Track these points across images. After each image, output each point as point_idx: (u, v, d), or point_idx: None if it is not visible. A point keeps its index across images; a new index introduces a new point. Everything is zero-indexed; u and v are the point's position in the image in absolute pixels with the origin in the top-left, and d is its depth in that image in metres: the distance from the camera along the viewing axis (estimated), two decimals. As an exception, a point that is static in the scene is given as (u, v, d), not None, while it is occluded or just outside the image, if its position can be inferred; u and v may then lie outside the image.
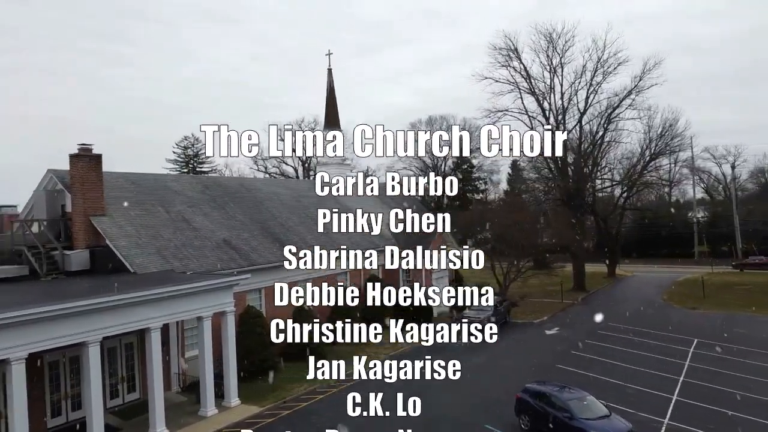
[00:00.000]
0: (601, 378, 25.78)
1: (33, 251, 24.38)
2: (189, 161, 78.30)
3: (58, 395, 21.19)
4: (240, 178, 52.75)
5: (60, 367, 21.25)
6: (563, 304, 45.83)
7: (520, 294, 45.61)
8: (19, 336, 16.02)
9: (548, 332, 35.99)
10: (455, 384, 25.29)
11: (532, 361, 29.04)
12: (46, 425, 20.61)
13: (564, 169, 55.87)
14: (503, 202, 70.59)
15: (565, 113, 55.37)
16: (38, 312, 16.22)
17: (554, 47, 54.21)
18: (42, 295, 19.56)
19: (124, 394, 23.52)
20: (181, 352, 25.33)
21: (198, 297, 21.34)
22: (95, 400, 18.06)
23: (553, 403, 19.46)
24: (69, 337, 17.41)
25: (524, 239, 42.61)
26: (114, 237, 24.88)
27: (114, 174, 28.56)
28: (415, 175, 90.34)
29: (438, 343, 33.20)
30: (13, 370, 16.00)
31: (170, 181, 33.29)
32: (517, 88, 55.32)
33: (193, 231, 28.64)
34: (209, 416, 21.64)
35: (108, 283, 20.51)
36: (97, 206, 25.35)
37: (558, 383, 21.70)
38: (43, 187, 27.17)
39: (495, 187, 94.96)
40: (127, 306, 18.72)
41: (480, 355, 30.42)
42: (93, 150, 25.58)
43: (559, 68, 54.70)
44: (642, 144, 61.61)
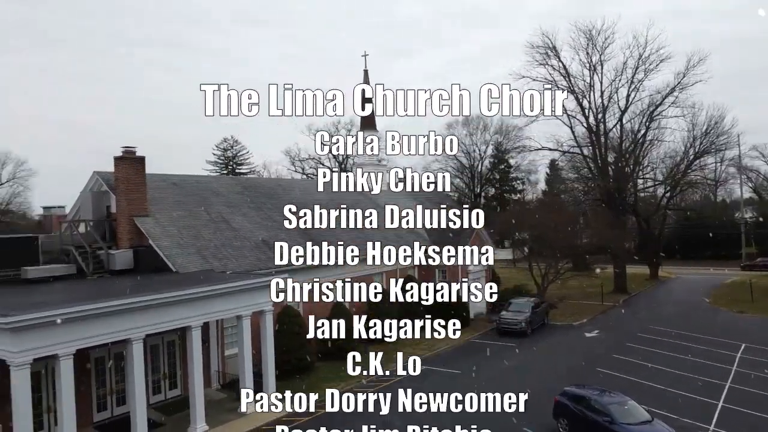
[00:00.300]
0: (643, 382, 25.18)
1: (80, 251, 25.22)
2: (228, 163, 79.82)
3: (104, 390, 21.86)
4: (277, 179, 53.46)
5: (105, 363, 21.91)
6: (603, 306, 44.93)
7: (558, 296, 44.94)
8: (67, 332, 16.57)
9: (588, 335, 35.35)
10: (492, 385, 25.08)
11: (570, 363, 28.57)
12: (92, 419, 21.30)
13: (604, 168, 54.76)
14: (541, 202, 69.59)
15: (605, 112, 54.31)
16: (85, 310, 16.76)
17: (594, 44, 53.25)
18: (88, 293, 20.18)
19: (166, 391, 24.11)
20: (220, 350, 25.80)
21: (237, 296, 21.72)
22: (139, 396, 18.55)
23: (592, 407, 19.09)
24: (114, 334, 17.93)
25: (563, 240, 41.95)
26: (156, 237, 25.53)
27: (156, 176, 29.29)
28: (451, 174, 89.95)
29: (475, 342, 33.02)
30: (62, 365, 16.57)
31: (210, 182, 33.99)
32: (556, 87, 54.54)
33: (232, 231, 29.16)
34: (248, 413, 21.97)
35: (151, 283, 21.09)
36: (140, 207, 26.04)
37: (598, 387, 21.29)
38: (89, 188, 28.07)
39: (533, 188, 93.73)
40: (169, 305, 19.19)
41: (517, 356, 30.09)
42: (136, 152, 26.29)
43: (599, 66, 53.71)
44: (686, 142, 59.99)
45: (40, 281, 23.04)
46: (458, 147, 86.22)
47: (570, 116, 54.96)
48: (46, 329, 16.03)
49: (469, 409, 22.16)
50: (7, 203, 72.05)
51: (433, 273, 40.22)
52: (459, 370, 27.67)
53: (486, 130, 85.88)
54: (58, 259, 25.57)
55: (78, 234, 26.06)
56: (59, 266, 24.46)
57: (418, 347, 31.92)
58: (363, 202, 40.89)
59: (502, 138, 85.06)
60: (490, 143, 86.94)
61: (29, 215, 71.80)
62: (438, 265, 39.91)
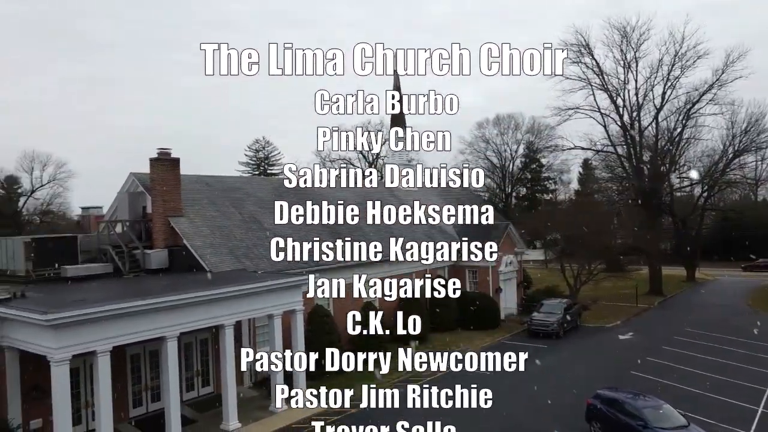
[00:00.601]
0: (679, 386, 24.62)
1: (116, 250, 25.85)
2: (260, 163, 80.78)
3: (139, 387, 22.38)
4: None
5: (141, 360, 22.42)
6: (638, 308, 44.06)
7: (591, 297, 44.26)
8: (105, 330, 17.01)
9: (621, 337, 34.71)
10: (523, 387, 24.88)
11: (603, 366, 28.12)
12: (128, 415, 21.83)
13: (639, 167, 53.68)
14: (574, 202, 68.59)
15: (640, 110, 53.27)
16: (122, 308, 17.18)
17: (628, 41, 52.29)
18: (125, 291, 20.68)
19: (199, 388, 24.54)
20: (252, 348, 26.13)
21: (268, 296, 21.99)
22: (173, 392, 18.93)
23: (626, 410, 18.73)
24: (149, 332, 18.33)
25: (596, 241, 41.29)
26: (190, 237, 26.00)
27: (190, 176, 29.83)
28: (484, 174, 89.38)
29: (506, 343, 32.78)
30: (99, 361, 17.02)
31: (242, 183, 34.46)
32: (589, 85, 53.72)
33: (263, 231, 29.52)
34: (280, 411, 22.22)
35: (185, 282, 21.50)
36: (174, 207, 26.56)
37: (631, 390, 20.89)
38: (125, 189, 28.75)
39: (565, 187, 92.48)
40: (203, 303, 19.54)
41: (549, 358, 29.74)
42: (171, 154, 26.82)
43: (634, 63, 52.72)
44: (724, 141, 58.34)
45: (79, 280, 23.65)
46: (489, 146, 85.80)
47: (604, 115, 54.14)
48: (84, 326, 16.49)
49: (498, 409, 22.02)
50: (48, 204, 74.22)
51: (464, 273, 40.03)
52: (488, 371, 27.47)
53: (517, 129, 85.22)
54: (95, 259, 26.26)
55: (115, 234, 26.70)
56: (97, 265, 25.08)
57: (448, 347, 31.81)
58: (392, 201, 40.94)
59: (533, 137, 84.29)
60: (522, 142, 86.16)
61: (68, 216, 73.94)
62: (468, 264, 39.73)
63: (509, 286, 41.15)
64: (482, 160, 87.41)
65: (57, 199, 74.81)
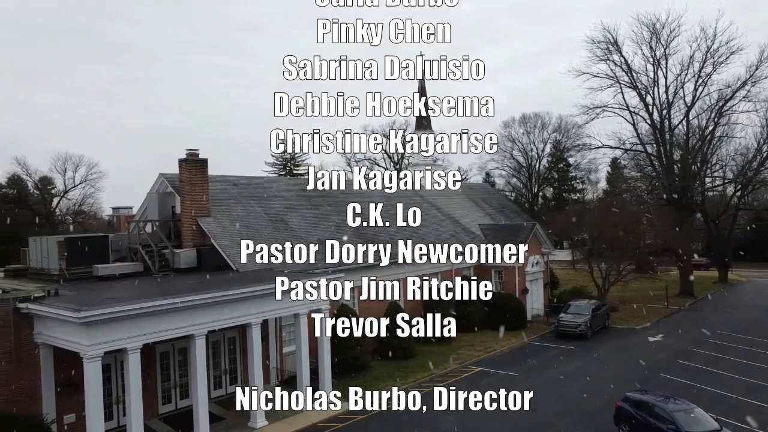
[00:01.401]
0: (711, 389, 24.09)
1: (146, 249, 26.32)
2: (286, 164, 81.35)
3: (168, 384, 22.74)
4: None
5: (170, 358, 22.79)
6: (668, 309, 43.23)
7: (620, 298, 43.56)
8: (135, 327, 17.35)
9: (651, 339, 34.10)
10: (550, 389, 24.62)
11: (632, 368, 27.66)
12: (158, 411, 22.21)
13: (669, 166, 52.67)
14: (602, 201, 67.55)
15: (670, 107, 52.21)
16: (152, 306, 17.48)
17: (658, 38, 51.27)
18: (155, 290, 21.03)
19: (227, 386, 24.84)
20: (279, 347, 26.36)
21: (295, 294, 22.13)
22: (201, 390, 19.20)
23: (656, 413, 18.40)
24: (178, 330, 18.62)
25: (624, 241, 40.62)
26: (218, 236, 26.34)
27: (218, 177, 30.22)
28: (508, 174, 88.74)
29: (532, 344, 32.49)
30: (130, 358, 17.36)
31: (269, 183, 34.79)
32: (617, 83, 52.82)
33: (289, 231, 29.75)
34: (306, 410, 22.36)
35: (213, 281, 21.78)
36: (202, 207, 26.93)
37: (662, 393, 20.53)
38: (155, 189, 29.25)
39: (593, 187, 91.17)
40: (230, 302, 19.77)
41: (577, 360, 29.38)
42: (199, 154, 27.21)
43: (663, 60, 51.68)
44: (759, 138, 56.75)
45: (110, 278, 24.15)
46: (515, 145, 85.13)
47: (633, 113, 53.19)
48: (115, 324, 16.84)
49: (526, 411, 21.82)
50: (80, 204, 75.83)
51: (489, 273, 39.80)
52: (515, 372, 27.27)
53: (544, 128, 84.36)
54: (126, 258, 26.77)
55: (145, 233, 27.17)
56: (127, 264, 25.57)
57: (474, 348, 31.66)
58: (417, 201, 40.92)
59: (560, 136, 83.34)
60: (548, 141, 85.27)
61: (100, 216, 75.43)
62: (494, 264, 39.50)
63: (536, 287, 40.77)
64: (508, 160, 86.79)
65: (89, 199, 76.41)
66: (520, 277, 38.74)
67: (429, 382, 25.98)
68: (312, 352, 23.41)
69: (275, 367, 26.10)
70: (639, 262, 43.21)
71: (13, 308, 18.41)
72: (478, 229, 41.65)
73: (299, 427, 20.87)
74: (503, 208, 50.16)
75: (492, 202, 49.36)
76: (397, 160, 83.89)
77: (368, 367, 27.69)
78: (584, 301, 37.70)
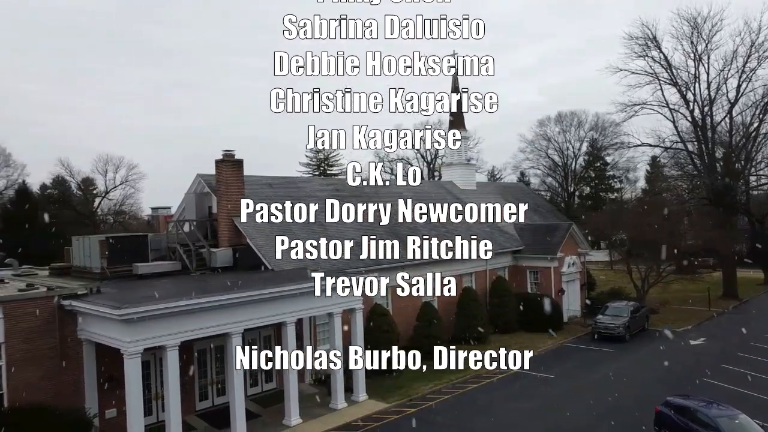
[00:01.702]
0: (756, 395, 23.28)
1: (184, 249, 26.82)
2: (320, 164, 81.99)
3: (205, 381, 23.13)
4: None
5: (207, 355, 23.18)
6: (710, 312, 41.97)
7: (660, 300, 42.50)
8: (173, 325, 17.69)
9: (693, 342, 33.17)
10: (588, 392, 24.17)
11: (673, 372, 26.94)
12: (195, 408, 22.61)
13: (711, 165, 51.14)
14: (640, 201, 66.00)
15: (712, 104, 50.65)
16: (190, 304, 17.80)
17: (699, 33, 49.79)
18: (192, 289, 21.38)
19: (263, 383, 25.14)
20: (313, 346, 26.54)
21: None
22: (237, 387, 19.46)
23: (698, 419, 17.86)
24: (215, 328, 18.91)
25: (664, 241, 39.60)
26: (253, 236, 26.67)
27: (253, 177, 30.60)
28: (543, 173, 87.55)
29: (569, 346, 31.98)
30: (168, 355, 17.71)
31: (303, 183, 35.08)
32: (656, 79, 51.48)
33: (323, 230, 29.91)
34: (339, 409, 22.47)
35: (249, 280, 22.04)
36: (238, 207, 27.31)
37: (704, 398, 19.90)
38: (192, 190, 29.79)
39: (631, 186, 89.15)
40: (266, 301, 20.00)
41: (615, 362, 28.78)
42: (235, 155, 27.59)
43: (705, 55, 50.12)
44: (807, 135, 54.69)
45: (149, 277, 24.65)
46: (551, 144, 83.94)
47: (673, 110, 51.76)
48: (154, 321, 17.20)
49: (564, 414, 21.49)
50: (120, 204, 77.88)
51: (524, 273, 39.33)
52: (551, 374, 26.87)
53: (580, 126, 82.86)
54: (165, 257, 27.31)
55: (183, 233, 27.69)
56: (166, 263, 26.07)
57: (509, 349, 31.28)
58: (450, 200, 40.70)
59: (597, 134, 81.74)
60: (585, 140, 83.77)
61: (139, 216, 77.30)
62: (529, 265, 39.03)
63: (572, 288, 40.11)
64: (543, 159, 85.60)
65: (129, 199, 78.41)
66: (555, 277, 38.16)
67: (463, 383, 25.81)
68: (346, 351, 23.49)
69: (309, 365, 26.27)
70: (679, 263, 42.09)
71: (57, 305, 19.00)
72: (512, 229, 41.19)
73: (333, 426, 20.98)
74: (538, 207, 49.50)
75: (527, 202, 48.70)
76: (431, 159, 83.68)
77: (402, 365, 27.62)
78: (622, 302, 36.92)
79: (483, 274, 36.82)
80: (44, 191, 71.37)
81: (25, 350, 18.32)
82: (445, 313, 32.12)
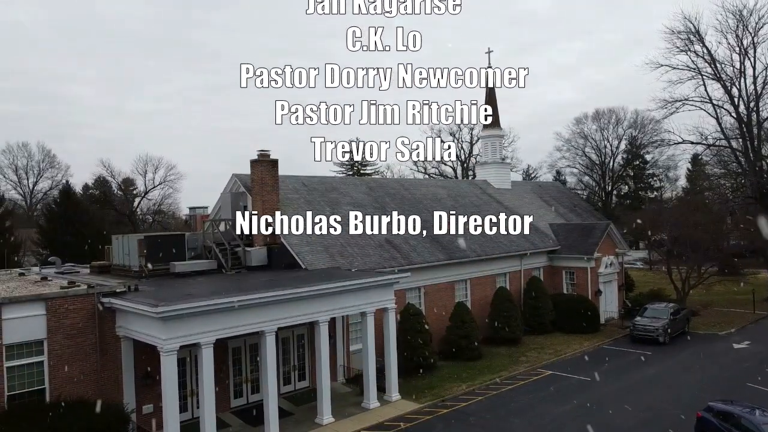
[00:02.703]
0: (805, 402, 22.37)
1: (220, 248, 27.21)
2: (354, 164, 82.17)
3: (240, 378, 23.41)
4: (400, 179, 54.18)
5: (241, 353, 23.45)
6: (755, 315, 40.53)
7: (702, 302, 41.27)
8: (208, 323, 17.94)
9: (736, 346, 32.07)
10: (627, 396, 23.60)
11: (715, 376, 26.11)
12: (229, 405, 22.90)
13: (757, 162, 49.41)
14: (681, 200, 64.24)
15: (759, 99, 48.85)
16: (225, 302, 18.02)
17: (745, 26, 48.09)
18: (228, 287, 21.68)
19: (296, 382, 25.31)
20: (346, 345, 26.61)
21: (361, 293, 22.28)
22: (271, 385, 19.62)
23: (742, 425, 17.23)
24: (249, 326, 19.12)
25: (707, 242, 38.43)
26: (287, 236, 26.88)
27: (287, 177, 30.86)
28: (580, 172, 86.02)
29: (606, 349, 31.31)
30: (203, 353, 17.98)
31: (337, 183, 35.22)
32: (699, 75, 49.98)
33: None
34: (371, 408, 22.46)
35: (283, 279, 22.24)
36: (273, 207, 27.55)
37: (748, 404, 19.21)
38: (228, 189, 30.22)
39: (672, 185, 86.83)
40: (299, 300, 20.12)
41: (654, 366, 28.03)
42: (270, 155, 27.85)
43: (751, 49, 48.39)
44: None
45: (186, 275, 25.10)
46: (588, 142, 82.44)
47: (716, 106, 50.16)
48: (190, 319, 17.47)
49: (598, 418, 21.03)
50: (159, 204, 79.71)
51: (560, 273, 38.68)
52: (587, 377, 26.32)
53: (619, 124, 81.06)
54: (201, 255, 27.77)
55: (219, 232, 28.10)
56: (202, 262, 26.50)
57: (544, 351, 30.84)
58: (486, 200, 40.31)
59: (636, 132, 79.83)
60: (623, 138, 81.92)
61: (177, 215, 78.99)
62: (565, 265, 38.37)
63: (609, 289, 39.25)
64: (580, 157, 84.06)
65: (167, 199, 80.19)
66: (592, 278, 37.40)
67: (497, 385, 25.52)
68: (378, 350, 23.49)
69: (342, 364, 26.36)
70: (722, 264, 40.79)
71: (97, 302, 19.48)
72: (548, 229, 40.54)
73: (365, 425, 20.97)
74: (575, 206, 48.64)
75: (563, 201, 47.94)
76: (465, 158, 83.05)
77: (435, 367, 27.51)
78: (662, 304, 35.94)
79: (518, 275, 36.34)
80: (86, 191, 73.52)
81: (67, 346, 18.83)
82: (478, 313, 31.80)
